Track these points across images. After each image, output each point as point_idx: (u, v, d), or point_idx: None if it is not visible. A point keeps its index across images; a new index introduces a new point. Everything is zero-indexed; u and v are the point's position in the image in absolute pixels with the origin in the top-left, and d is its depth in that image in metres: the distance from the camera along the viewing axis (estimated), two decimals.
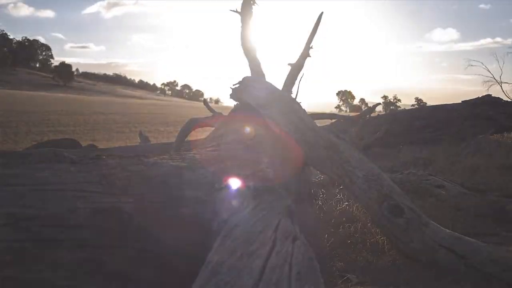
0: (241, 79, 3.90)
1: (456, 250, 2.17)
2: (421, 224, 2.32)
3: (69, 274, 1.28)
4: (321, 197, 3.73)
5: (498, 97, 8.63)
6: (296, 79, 4.47)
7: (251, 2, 4.62)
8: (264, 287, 1.09)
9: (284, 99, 3.31)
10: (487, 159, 5.57)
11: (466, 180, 4.07)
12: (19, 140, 18.39)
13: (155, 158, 1.99)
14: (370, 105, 10.03)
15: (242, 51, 4.58)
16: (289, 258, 1.28)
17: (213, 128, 4.46)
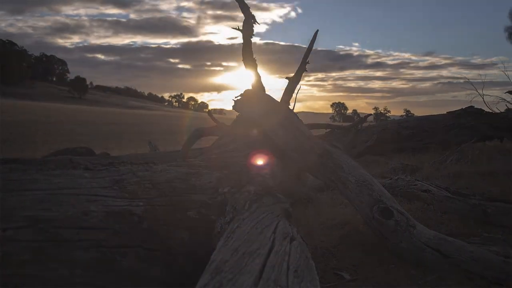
0: (242, 92, 3.92)
1: (441, 249, 2.17)
2: (409, 225, 2.32)
3: (85, 273, 1.29)
4: (316, 200, 3.73)
5: (480, 108, 8.62)
6: (293, 92, 4.49)
7: (252, 21, 4.65)
8: (264, 284, 1.09)
9: (282, 110, 3.32)
10: (470, 165, 5.57)
11: (451, 185, 4.06)
12: (37, 148, 18.34)
13: (163, 165, 2.00)
14: (362, 116, 10.06)
15: (244, 65, 4.60)
16: (287, 257, 1.29)
17: (217, 137, 4.47)
